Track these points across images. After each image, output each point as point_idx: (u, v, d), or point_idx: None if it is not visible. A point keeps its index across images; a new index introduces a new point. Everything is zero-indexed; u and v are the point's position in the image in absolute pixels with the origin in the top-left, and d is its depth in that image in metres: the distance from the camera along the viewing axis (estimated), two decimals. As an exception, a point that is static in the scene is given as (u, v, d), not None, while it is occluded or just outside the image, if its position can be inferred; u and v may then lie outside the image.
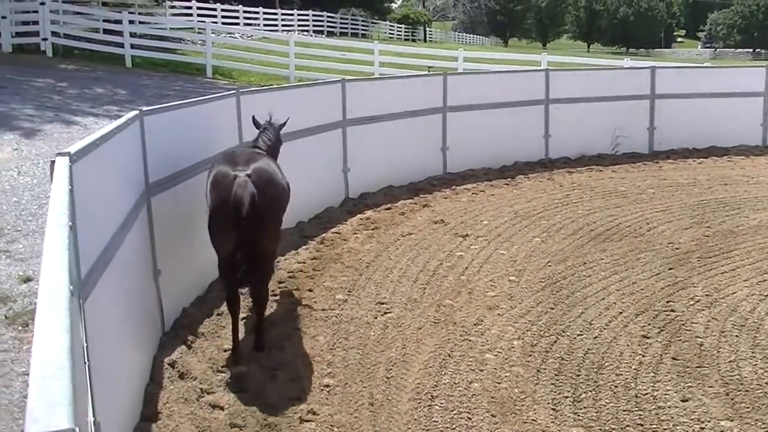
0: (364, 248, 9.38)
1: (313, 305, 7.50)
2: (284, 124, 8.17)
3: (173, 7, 40.60)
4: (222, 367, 6.13)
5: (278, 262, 8.73)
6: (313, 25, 52.74)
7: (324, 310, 7.40)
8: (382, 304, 7.54)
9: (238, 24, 42.21)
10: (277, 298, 7.67)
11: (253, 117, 8.03)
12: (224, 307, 7.01)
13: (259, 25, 45.25)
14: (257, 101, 9.47)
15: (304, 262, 8.80)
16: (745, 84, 16.94)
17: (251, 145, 7.60)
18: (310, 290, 7.90)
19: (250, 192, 6.05)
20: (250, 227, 6.04)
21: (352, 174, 11.53)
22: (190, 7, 40.90)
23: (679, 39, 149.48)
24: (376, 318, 7.20)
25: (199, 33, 30.17)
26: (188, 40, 30.54)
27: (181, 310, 7.04)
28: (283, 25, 48.52)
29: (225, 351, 6.40)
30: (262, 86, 22.08)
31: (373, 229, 10.21)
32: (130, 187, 5.90)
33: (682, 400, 5.72)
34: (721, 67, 24.60)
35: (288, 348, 6.54)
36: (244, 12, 44.95)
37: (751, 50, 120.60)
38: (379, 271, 8.51)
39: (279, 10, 50.02)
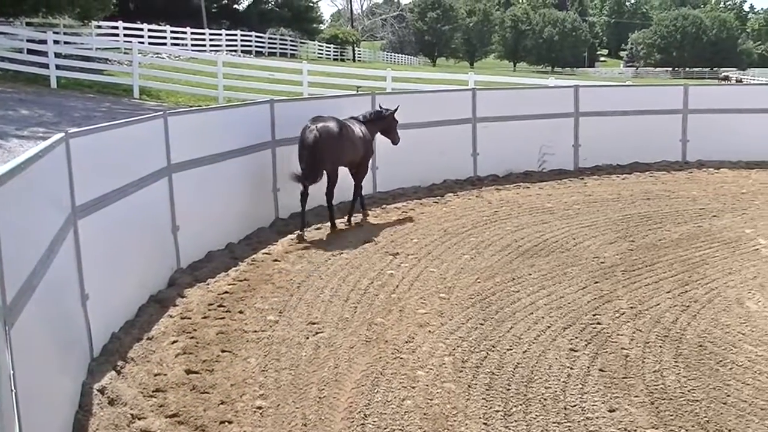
0: (294, 268, 9.37)
1: (244, 327, 7.47)
2: (393, 110, 12.28)
3: (99, 27, 40.11)
4: (153, 392, 6.05)
5: (207, 283, 8.69)
6: (242, 45, 52.63)
7: (255, 331, 7.37)
8: (314, 324, 7.54)
9: (165, 44, 41.88)
10: (207, 320, 7.61)
11: (379, 105, 12.65)
12: (154, 332, 7.25)
13: (186, 45, 44.96)
14: (185, 122, 9.43)
15: (234, 284, 8.76)
16: (665, 102, 17.44)
17: (357, 116, 11.91)
18: (240, 312, 7.86)
19: (313, 138, 10.52)
20: (310, 156, 10.54)
21: (282, 194, 11.51)
22: (116, 27, 40.44)
23: (602, 58, 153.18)
24: (307, 338, 7.20)
25: (125, 53, 29.82)
26: (115, 61, 30.17)
27: (110, 335, 6.93)
28: (211, 45, 48.28)
29: (156, 376, 6.33)
30: (191, 107, 21.96)
31: (303, 249, 10.21)
32: (57, 210, 5.81)
33: (610, 411, 5.85)
34: (642, 85, 25.29)
35: (219, 370, 6.49)
36: (172, 32, 44.63)
37: (670, 69, 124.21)
38: (311, 291, 8.51)
39: (207, 30, 49.78)
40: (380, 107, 12.40)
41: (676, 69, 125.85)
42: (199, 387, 6.16)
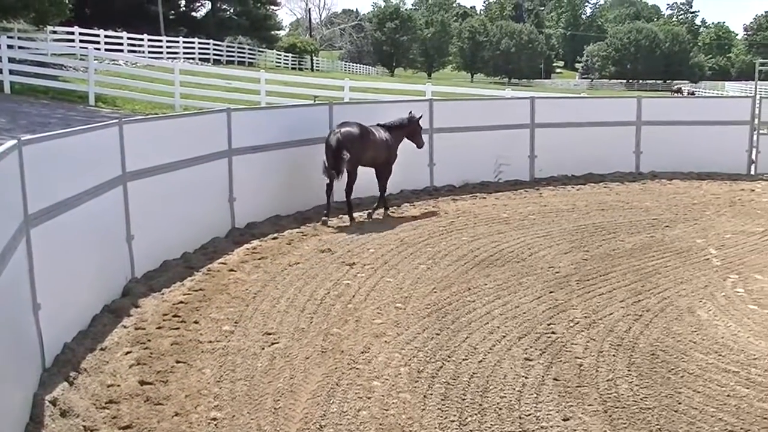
0: (250, 278, 9.33)
1: (199, 337, 7.41)
2: (418, 117, 13.58)
3: (55, 32, 39.61)
4: (106, 403, 5.98)
5: (162, 293, 8.61)
6: (199, 53, 52.33)
7: (210, 342, 7.31)
8: (270, 334, 7.51)
9: (122, 51, 41.56)
10: (162, 330, 7.54)
11: (410, 111, 13.66)
12: (107, 342, 7.16)
13: (143, 52, 44.62)
14: (141, 130, 9.36)
15: (189, 294, 8.68)
16: (619, 114, 17.70)
17: (382, 123, 13.15)
18: (196, 322, 7.80)
19: (336, 139, 11.90)
20: (334, 156, 11.85)
21: (238, 203, 11.45)
22: (72, 33, 40.00)
23: (558, 70, 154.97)
24: (263, 349, 7.16)
25: (81, 59, 29.50)
26: (70, 67, 29.80)
27: (63, 345, 6.83)
28: (168, 53, 48.00)
29: (109, 387, 6.25)
30: (147, 115, 21.77)
31: (260, 259, 10.17)
32: (8, 219, 5.72)
33: (564, 419, 5.90)
34: (597, 97, 25.65)
35: (173, 381, 6.43)
36: (128, 39, 44.30)
37: (624, 81, 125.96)
38: (266, 301, 8.48)
39: (164, 38, 49.50)
40: (410, 113, 13.57)
41: (630, 81, 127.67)
42: (153, 398, 6.10)
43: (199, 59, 51.02)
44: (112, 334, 7.40)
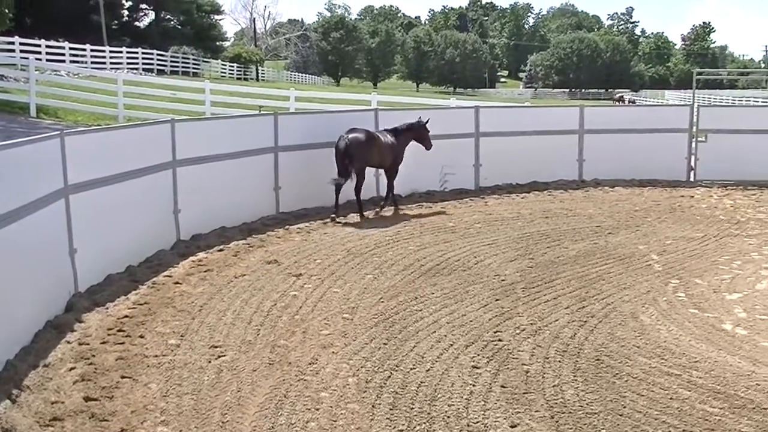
0: (196, 291, 9.25)
1: (144, 351, 7.32)
2: (425, 122, 14.64)
3: (-6, 41, 38.87)
4: (50, 420, 5.87)
5: (107, 308, 8.49)
6: (143, 64, 51.83)
7: (156, 356, 7.23)
8: (216, 347, 7.45)
9: (63, 61, 40.92)
10: (107, 345, 7.44)
11: (419, 117, 14.84)
12: (51, 358, 7.03)
13: (86, 62, 44.04)
14: (83, 142, 9.24)
15: (134, 307, 8.58)
16: (562, 122, 17.95)
17: (389, 128, 14.37)
18: (141, 336, 7.71)
19: (344, 143, 13.11)
20: (342, 160, 13.14)
21: (183, 215, 11.35)
22: (12, 42, 39.27)
23: (503, 79, 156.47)
24: (210, 362, 7.11)
25: (22, 70, 28.97)
26: (10, 77, 29.25)
27: (5, 362, 6.70)
28: (111, 63, 47.40)
29: (53, 404, 6.14)
30: (89, 126, 21.47)
31: (205, 272, 10.08)
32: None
33: (511, 426, 5.96)
34: (541, 106, 25.94)
35: (119, 397, 6.34)
36: (71, 49, 43.66)
37: (567, 90, 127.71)
38: (213, 314, 8.41)
39: (107, 48, 48.90)
40: (419, 118, 14.75)
41: (573, 90, 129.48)
42: (98, 414, 6.00)
43: (143, 69, 50.52)
44: (55, 350, 7.27)
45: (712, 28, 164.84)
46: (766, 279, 10.07)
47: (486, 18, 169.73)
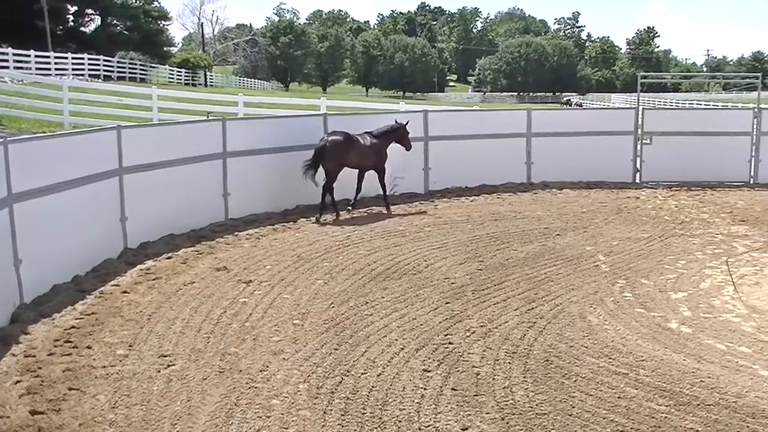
0: (144, 300, 9.15)
1: (92, 363, 7.22)
2: (404, 124, 15.17)
3: (-66, 49, 38.10)
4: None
5: (53, 318, 8.36)
6: (89, 70, 51.08)
7: (104, 367, 7.14)
8: (165, 356, 7.38)
9: (7, 67, 40.20)
10: (53, 357, 7.32)
11: (395, 120, 15.48)
12: None
13: (30, 69, 43.25)
14: (28, 149, 9.11)
15: (81, 318, 8.46)
16: (510, 126, 18.10)
17: (371, 131, 14.83)
18: (88, 347, 7.60)
19: (321, 146, 13.75)
20: (319, 160, 13.72)
21: (130, 223, 11.22)
22: (-47, 49, 38.54)
23: (452, 83, 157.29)
24: (159, 371, 7.03)
25: (-38, 77, 28.46)
26: (-50, 85, 28.72)
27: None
28: (56, 70, 46.63)
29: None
30: (34, 133, 21.10)
31: (154, 280, 9.98)
32: None
33: (462, 429, 5.99)
34: (489, 110, 26.16)
35: (66, 410, 6.24)
36: (14, 55, 42.93)
37: (515, 94, 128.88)
38: (161, 322, 8.33)
39: (52, 54, 48.14)
40: (396, 121, 15.39)
41: (522, 94, 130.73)
42: (45, 428, 5.91)
43: (89, 76, 49.81)
44: (0, 363, 7.15)
45: (656, 32, 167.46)
46: (709, 278, 10.27)
47: (435, 22, 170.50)
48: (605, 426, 6.04)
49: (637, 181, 18.55)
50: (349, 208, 14.67)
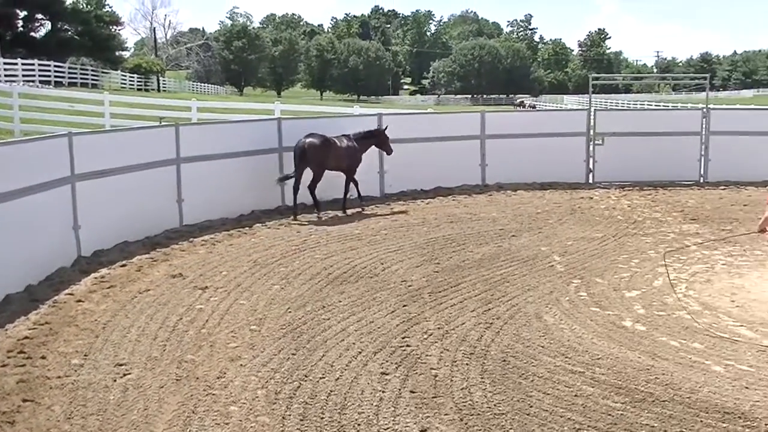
0: (99, 308, 9.04)
1: (46, 373, 7.12)
2: (383, 128, 15.91)
3: None
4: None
5: (6, 329, 8.23)
6: (40, 76, 50.33)
7: (59, 377, 7.04)
8: (121, 365, 7.30)
9: (-47, 75, 39.50)
10: (6, 368, 7.20)
11: (380, 124, 16.30)
12: None
13: (-22, 75, 42.54)
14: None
15: (35, 328, 8.33)
16: (464, 128, 18.22)
17: (348, 134, 15.25)
18: (42, 357, 7.49)
19: (300, 148, 14.25)
20: (300, 163, 14.25)
21: (83, 231, 11.09)
22: None
23: (406, 86, 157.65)
24: (115, 381, 6.96)
25: None
26: None
27: None
28: (6, 76, 45.91)
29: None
30: (-18, 142, 20.76)
31: (108, 288, 9.87)
32: None
33: (422, 431, 6.01)
34: (443, 112, 26.27)
35: (20, 422, 6.15)
36: (-38, 61, 42.16)
37: (470, 96, 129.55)
38: (117, 331, 8.24)
39: (1, 60, 47.40)
40: (379, 125, 16.12)
41: (476, 96, 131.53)
42: (-2, 441, 5.83)
43: (40, 82, 49.05)
44: (-50, 375, 7.03)
45: (607, 34, 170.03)
46: (662, 276, 10.42)
47: (388, 26, 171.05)
48: (562, 424, 6.11)
49: (590, 181, 18.78)
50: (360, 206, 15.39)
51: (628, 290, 9.88)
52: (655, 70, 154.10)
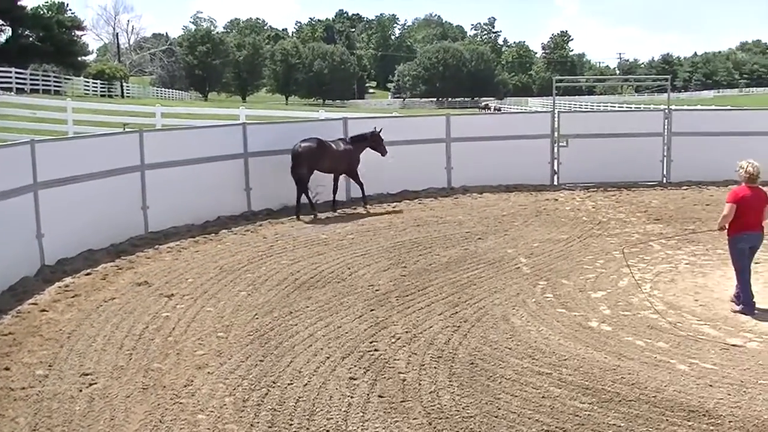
0: (64, 318, 8.95)
1: (10, 384, 7.04)
2: (378, 131, 16.16)
3: None
4: None
5: (-32, 341, 8.12)
6: (1, 83, 49.62)
7: (23, 388, 6.96)
8: (87, 375, 7.23)
9: None
10: (-32, 380, 7.11)
11: (375, 127, 16.40)
12: None
13: (-64, 83, 41.90)
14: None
15: (-3, 339, 8.23)
16: (430, 131, 18.26)
17: (345, 138, 16.24)
18: (6, 369, 7.41)
19: (296, 151, 14.81)
20: (295, 165, 14.79)
21: (47, 239, 10.96)
22: None
23: (371, 90, 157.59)
24: (81, 391, 6.89)
25: None
26: None
27: None
28: (-34, 83, 45.26)
29: None
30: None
31: (73, 297, 9.77)
32: None
33: (390, 436, 6.03)
34: (409, 116, 26.33)
35: (-17, 434, 6.08)
36: None
37: (435, 99, 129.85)
38: (82, 340, 8.16)
39: (-41, 67, 46.68)
40: (374, 128, 16.32)
41: (441, 99, 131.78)
42: (-39, 454, 5.74)
43: (1, 89, 48.39)
44: None
45: (570, 37, 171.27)
46: (627, 276, 10.52)
47: (353, 30, 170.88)
48: (531, 426, 6.15)
49: (555, 183, 18.90)
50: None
51: (594, 291, 9.97)
52: (617, 72, 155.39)
